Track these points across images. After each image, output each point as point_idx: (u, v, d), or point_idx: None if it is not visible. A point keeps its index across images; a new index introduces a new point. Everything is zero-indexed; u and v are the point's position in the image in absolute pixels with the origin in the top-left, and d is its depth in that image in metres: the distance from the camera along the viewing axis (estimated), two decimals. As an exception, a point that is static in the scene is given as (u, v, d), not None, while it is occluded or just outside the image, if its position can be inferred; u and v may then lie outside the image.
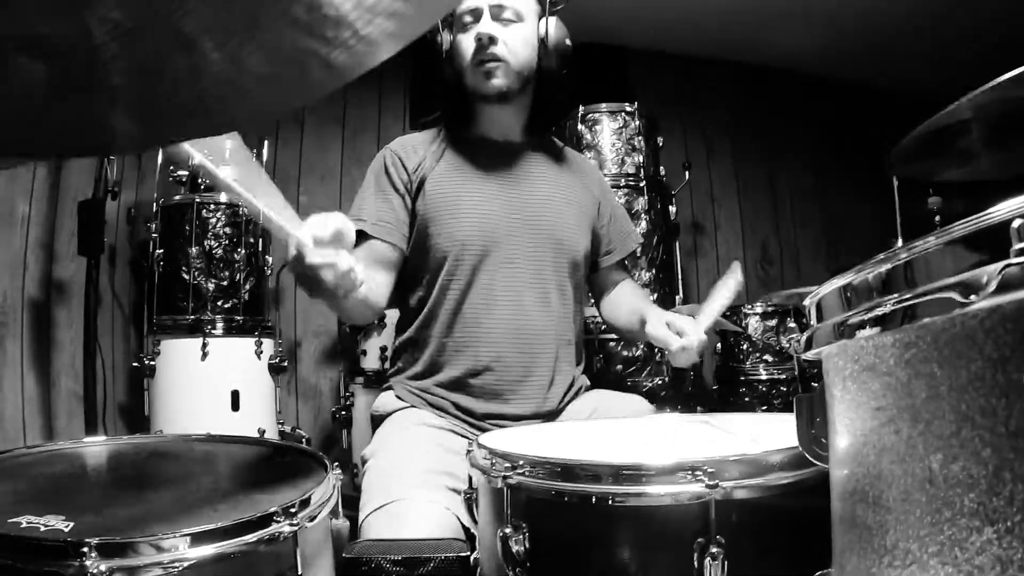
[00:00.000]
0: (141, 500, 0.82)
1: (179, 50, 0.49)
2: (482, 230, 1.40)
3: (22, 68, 0.47)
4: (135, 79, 0.50)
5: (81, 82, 0.49)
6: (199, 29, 0.48)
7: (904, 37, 3.33)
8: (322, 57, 0.49)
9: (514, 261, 1.41)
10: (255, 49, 0.49)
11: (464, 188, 1.43)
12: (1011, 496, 0.40)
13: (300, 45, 0.49)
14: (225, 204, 2.45)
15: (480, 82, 1.41)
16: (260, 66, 0.50)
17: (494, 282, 1.39)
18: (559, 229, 1.45)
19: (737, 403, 2.61)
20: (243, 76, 0.50)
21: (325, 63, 0.50)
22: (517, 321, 1.39)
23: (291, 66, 0.51)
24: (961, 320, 0.43)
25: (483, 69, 1.40)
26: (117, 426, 2.75)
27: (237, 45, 0.49)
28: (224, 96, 0.52)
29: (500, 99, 1.43)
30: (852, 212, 3.85)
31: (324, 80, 0.51)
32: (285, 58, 0.50)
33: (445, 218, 1.41)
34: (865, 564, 0.52)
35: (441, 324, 1.41)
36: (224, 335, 2.35)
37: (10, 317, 2.42)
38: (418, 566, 0.86)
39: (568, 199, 1.49)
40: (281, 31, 0.48)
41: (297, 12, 0.47)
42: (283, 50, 0.49)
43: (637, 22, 3.37)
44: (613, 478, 0.77)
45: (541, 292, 1.42)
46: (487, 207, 1.42)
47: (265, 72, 0.50)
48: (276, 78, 0.52)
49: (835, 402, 0.58)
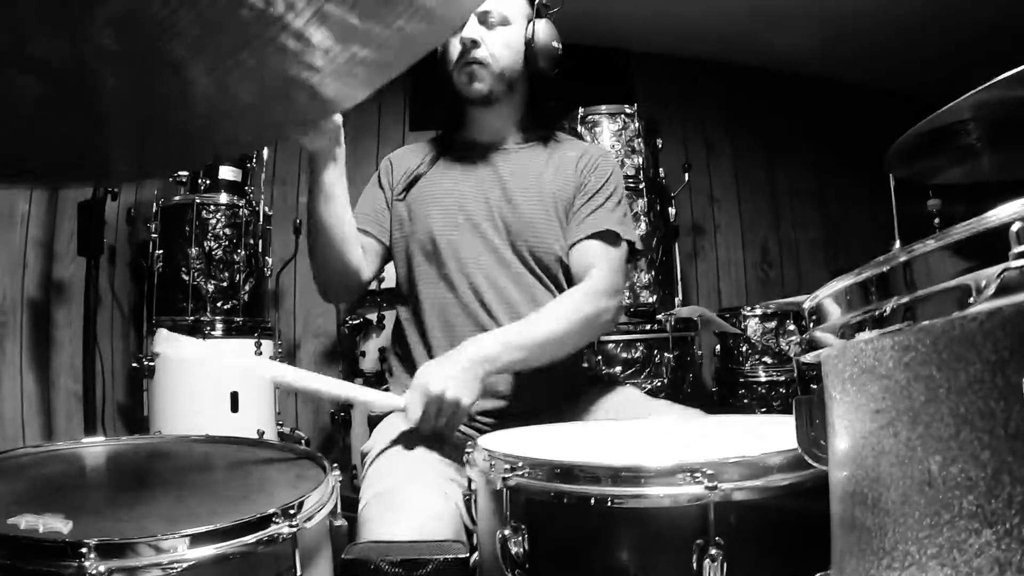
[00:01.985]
0: (140, 501, 0.82)
1: (168, 74, 0.49)
2: (456, 231, 1.42)
3: (14, 86, 0.47)
4: (125, 102, 0.50)
5: (73, 102, 0.49)
6: (188, 54, 0.48)
7: (904, 39, 3.33)
8: (310, 87, 0.49)
9: (495, 264, 1.42)
10: (243, 75, 0.49)
11: (445, 191, 1.46)
12: (1010, 498, 0.40)
13: (288, 73, 0.49)
14: (225, 205, 2.45)
15: (463, 85, 1.45)
16: (248, 93, 0.50)
17: (468, 283, 1.40)
18: (538, 234, 1.44)
19: (736, 405, 2.61)
20: (231, 103, 0.50)
21: (313, 93, 0.50)
22: (491, 322, 1.39)
23: (279, 94, 0.51)
24: (960, 323, 0.43)
25: (466, 71, 1.43)
26: (116, 427, 2.74)
27: (225, 71, 0.48)
28: (213, 122, 0.52)
29: (483, 102, 1.45)
30: (852, 214, 3.85)
31: (313, 110, 0.51)
32: (273, 85, 0.50)
33: (421, 219, 1.45)
34: (864, 566, 0.52)
35: (421, 325, 1.44)
36: (223, 336, 2.35)
37: (10, 317, 2.42)
38: (417, 568, 0.86)
39: (552, 199, 1.47)
40: (268, 57, 0.48)
41: (285, 40, 0.47)
42: (271, 77, 0.49)
43: (638, 24, 3.38)
44: (612, 480, 0.77)
45: (525, 295, 1.42)
46: (464, 209, 1.44)
47: (253, 99, 0.50)
48: (265, 106, 0.52)
49: (834, 404, 0.58)
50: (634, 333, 2.33)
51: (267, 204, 2.66)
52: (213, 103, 0.50)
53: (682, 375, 2.39)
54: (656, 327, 2.36)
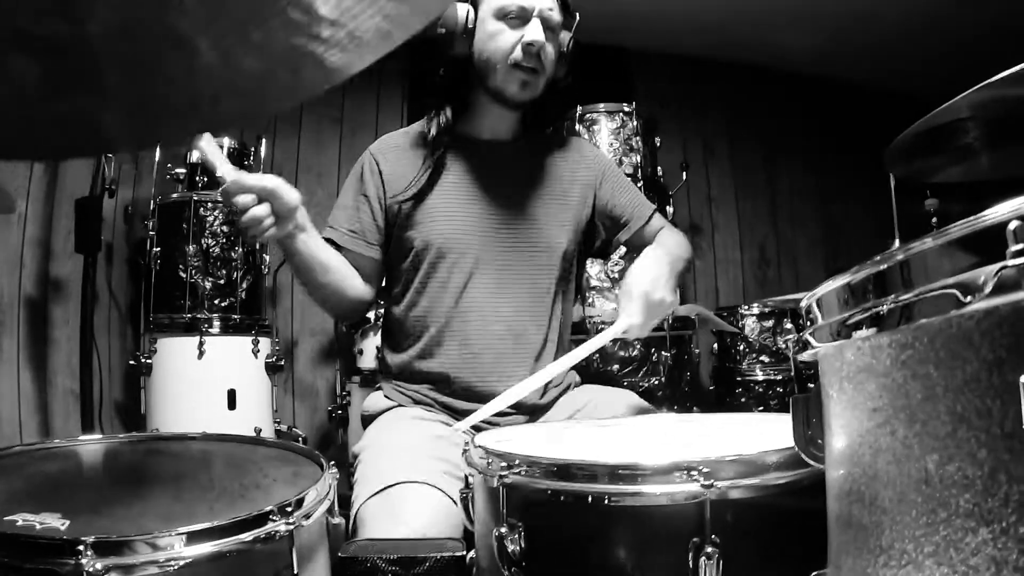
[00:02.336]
0: (137, 498, 0.82)
1: (173, 49, 0.48)
2: (458, 232, 1.40)
3: (16, 66, 0.47)
4: (129, 78, 0.50)
5: (75, 81, 0.49)
6: (193, 28, 0.47)
7: (904, 38, 3.33)
8: (316, 56, 0.49)
9: (495, 263, 1.40)
10: (249, 48, 0.49)
11: (443, 190, 1.42)
12: (1006, 497, 0.40)
13: (294, 44, 0.49)
14: (222, 202, 2.44)
15: (512, 86, 1.38)
16: (254, 65, 0.50)
17: (470, 283, 1.39)
18: (541, 230, 1.44)
19: (733, 403, 2.62)
20: (237, 75, 0.50)
21: (319, 62, 0.50)
22: (498, 323, 1.39)
23: (285, 65, 0.51)
24: (957, 321, 0.43)
25: (521, 77, 1.37)
26: (113, 424, 2.74)
27: (231, 44, 0.48)
28: (218, 95, 0.52)
29: (517, 106, 1.43)
30: (850, 213, 3.86)
31: (318, 79, 0.51)
32: (279, 57, 0.50)
33: (422, 220, 1.40)
34: (861, 564, 0.52)
35: (419, 325, 1.41)
36: (221, 334, 2.36)
37: (7, 315, 2.42)
38: (414, 565, 0.86)
39: (553, 196, 1.47)
40: (275, 30, 0.48)
41: (291, 12, 0.47)
42: (277, 49, 0.49)
43: (637, 22, 3.38)
44: (609, 477, 0.77)
45: (524, 293, 1.41)
46: (465, 209, 1.41)
47: (259, 71, 0.50)
48: (270, 77, 0.52)
49: (831, 403, 0.58)
50: (632, 332, 2.33)
51: (265, 202, 2.66)
52: (219, 75, 0.50)
53: (679, 374, 2.39)
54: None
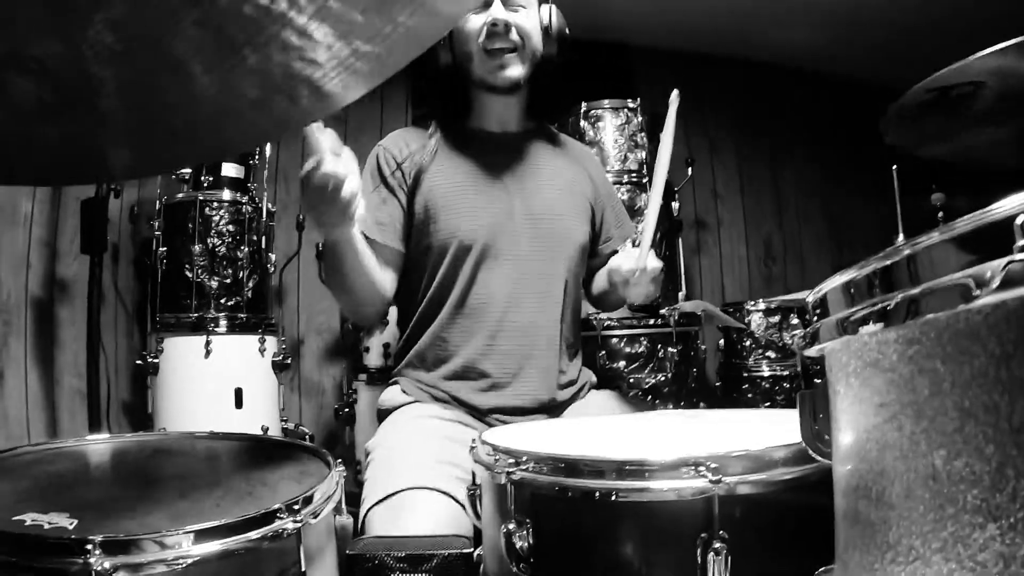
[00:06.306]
0: (145, 497, 0.82)
1: (170, 73, 0.49)
2: (481, 224, 1.39)
3: (12, 86, 0.47)
4: (126, 102, 0.50)
5: (72, 102, 0.49)
6: (189, 52, 0.47)
7: (909, 34, 3.31)
8: (313, 82, 0.49)
9: (513, 253, 1.40)
10: (246, 73, 0.49)
11: (462, 183, 1.42)
12: (1014, 492, 0.40)
13: (290, 70, 0.49)
14: (228, 202, 2.45)
15: (491, 72, 1.37)
16: (251, 90, 0.50)
17: (493, 275, 1.39)
18: (558, 220, 1.45)
19: (740, 399, 2.61)
20: (234, 100, 0.50)
21: (315, 88, 0.50)
22: (517, 313, 1.39)
23: (281, 91, 0.51)
24: (965, 316, 0.43)
25: (497, 61, 1.36)
26: (120, 424, 2.75)
27: (228, 69, 0.48)
28: (215, 120, 0.52)
29: (509, 90, 1.41)
30: (855, 208, 3.84)
31: (316, 106, 0.51)
32: (276, 83, 0.50)
33: (443, 214, 1.39)
34: (868, 560, 0.52)
35: (442, 318, 1.40)
36: (227, 333, 2.36)
37: (14, 315, 2.43)
38: (421, 563, 0.86)
39: (566, 187, 1.48)
40: (272, 54, 0.48)
41: (287, 36, 0.47)
42: (273, 74, 0.49)
43: (641, 19, 3.36)
44: (616, 473, 0.77)
45: (540, 283, 1.42)
46: (485, 200, 1.41)
47: (256, 96, 0.50)
48: (267, 102, 0.52)
49: (838, 398, 0.58)
50: (637, 328, 2.33)
51: (270, 200, 2.67)
52: (216, 100, 0.50)
53: (685, 370, 2.39)
54: (660, 322, 2.35)
